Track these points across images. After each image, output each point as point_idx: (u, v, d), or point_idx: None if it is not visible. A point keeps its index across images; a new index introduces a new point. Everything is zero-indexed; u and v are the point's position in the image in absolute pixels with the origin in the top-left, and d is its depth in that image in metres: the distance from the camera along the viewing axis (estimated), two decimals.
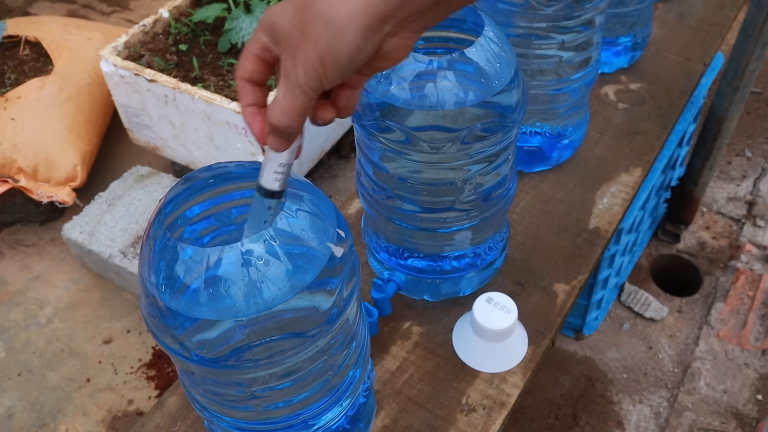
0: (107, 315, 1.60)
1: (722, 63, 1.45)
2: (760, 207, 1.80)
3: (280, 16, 0.43)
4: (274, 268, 0.45)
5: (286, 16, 0.43)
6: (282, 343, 0.48)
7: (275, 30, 0.43)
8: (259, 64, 0.46)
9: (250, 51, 0.45)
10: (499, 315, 0.73)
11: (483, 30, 0.61)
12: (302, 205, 0.48)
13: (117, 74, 1.57)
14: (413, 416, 0.71)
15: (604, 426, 1.42)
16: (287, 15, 0.42)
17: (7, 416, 1.43)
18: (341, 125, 1.80)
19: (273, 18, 0.43)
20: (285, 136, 0.46)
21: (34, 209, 1.79)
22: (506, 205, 0.75)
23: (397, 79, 0.60)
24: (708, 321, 1.57)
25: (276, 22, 0.43)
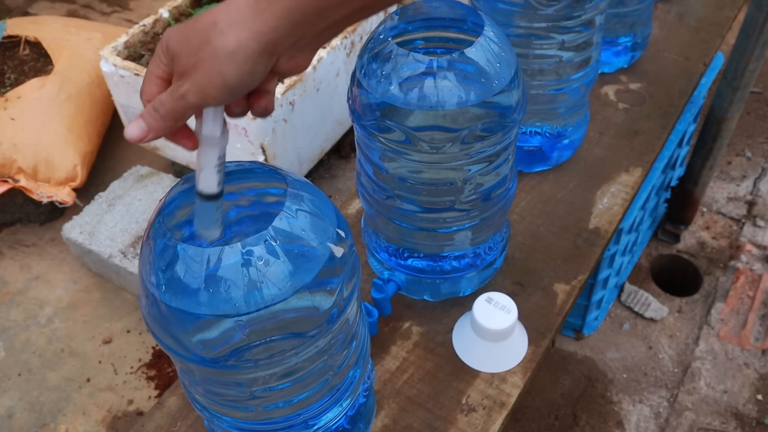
0: (107, 315, 1.60)
1: (722, 63, 1.45)
2: (760, 207, 1.80)
3: (178, 42, 0.45)
4: (274, 268, 0.45)
5: (175, 37, 0.45)
6: (282, 343, 0.48)
7: (174, 56, 0.46)
8: (163, 86, 0.48)
9: (154, 73, 0.47)
10: (499, 315, 0.73)
11: (483, 30, 0.61)
12: (302, 205, 0.48)
13: (117, 74, 1.57)
14: (413, 416, 0.71)
15: (604, 426, 1.42)
16: (180, 42, 0.45)
17: (7, 416, 1.43)
18: (341, 125, 1.80)
19: (171, 44, 0.46)
20: (154, 128, 0.48)
21: (34, 209, 1.78)
22: (506, 205, 0.75)
23: (397, 79, 0.60)
24: (708, 321, 1.57)
25: (174, 48, 0.45)
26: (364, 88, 0.62)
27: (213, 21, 0.43)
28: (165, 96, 0.46)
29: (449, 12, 0.65)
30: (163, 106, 0.46)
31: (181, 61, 0.45)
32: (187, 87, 0.45)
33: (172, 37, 0.45)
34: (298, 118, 1.58)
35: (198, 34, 0.44)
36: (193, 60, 0.44)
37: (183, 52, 0.44)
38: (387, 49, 0.61)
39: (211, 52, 0.44)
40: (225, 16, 0.43)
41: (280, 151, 1.56)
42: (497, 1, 0.78)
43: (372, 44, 0.63)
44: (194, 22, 0.45)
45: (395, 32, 0.64)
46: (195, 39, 0.44)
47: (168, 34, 0.46)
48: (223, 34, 0.43)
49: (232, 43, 0.43)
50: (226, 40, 0.43)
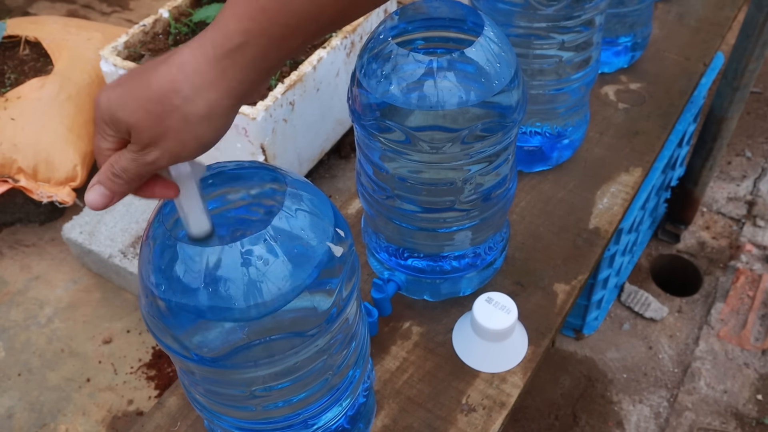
0: (107, 315, 1.60)
1: (722, 63, 1.45)
2: (760, 207, 1.80)
3: (134, 114, 0.42)
4: (273, 268, 0.45)
5: (127, 108, 0.42)
6: (281, 342, 0.48)
7: (119, 123, 0.43)
8: None
9: (104, 148, 0.44)
10: (499, 315, 0.73)
11: (483, 30, 0.61)
12: (302, 204, 0.48)
13: (117, 74, 1.57)
14: (413, 416, 0.71)
15: (604, 426, 1.42)
16: (128, 107, 0.42)
17: (7, 416, 1.43)
18: (341, 125, 1.80)
19: (123, 116, 0.42)
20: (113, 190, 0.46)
21: (34, 209, 1.78)
22: (506, 205, 0.75)
23: (397, 79, 0.60)
24: (708, 321, 1.57)
25: (130, 121, 0.42)
26: (364, 88, 0.62)
27: (172, 88, 0.41)
28: (127, 162, 0.43)
29: (449, 12, 0.65)
30: (126, 173, 0.44)
31: (143, 133, 0.42)
32: (157, 154, 0.43)
33: (121, 110, 0.42)
34: (298, 118, 1.58)
35: (158, 104, 0.41)
36: (159, 130, 0.42)
37: (144, 124, 0.42)
38: (387, 49, 0.61)
39: (180, 118, 0.41)
40: (185, 80, 0.41)
41: (280, 151, 1.56)
42: (497, 1, 0.78)
43: (372, 44, 0.63)
44: (144, 90, 0.41)
45: (395, 32, 0.64)
46: (156, 109, 0.41)
47: (113, 105, 0.42)
48: (191, 100, 0.41)
49: (202, 107, 0.42)
50: (196, 106, 0.41)
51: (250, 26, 0.40)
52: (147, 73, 0.42)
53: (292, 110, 1.54)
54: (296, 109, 1.56)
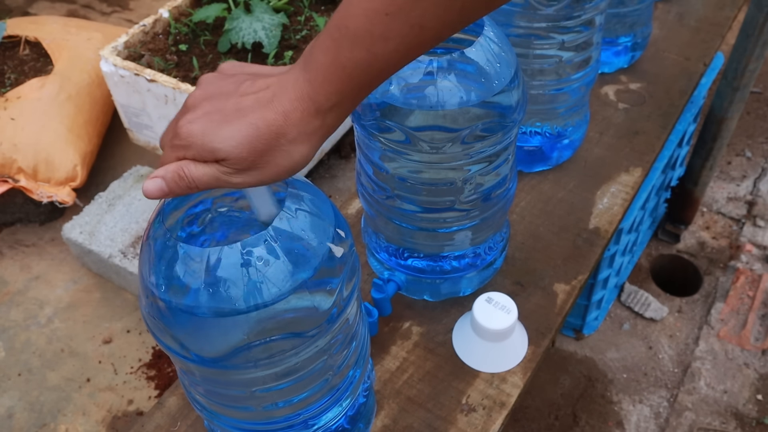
0: (107, 315, 1.60)
1: (722, 63, 1.45)
2: (760, 207, 1.80)
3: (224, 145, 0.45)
4: (273, 268, 0.45)
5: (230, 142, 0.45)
6: (282, 343, 0.48)
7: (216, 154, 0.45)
8: None
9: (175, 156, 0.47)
10: (499, 315, 0.73)
11: (483, 30, 0.61)
12: (302, 204, 0.48)
13: (117, 74, 1.57)
14: (413, 416, 0.71)
15: (604, 426, 1.42)
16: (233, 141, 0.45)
17: (7, 416, 1.43)
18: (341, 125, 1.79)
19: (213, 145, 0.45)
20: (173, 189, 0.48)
21: (34, 209, 1.78)
22: (506, 205, 0.75)
23: (397, 79, 0.60)
24: (708, 321, 1.57)
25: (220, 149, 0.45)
26: None
27: (281, 133, 0.45)
28: (204, 176, 0.46)
29: None
30: (195, 181, 0.46)
31: (241, 163, 0.45)
32: (244, 179, 0.46)
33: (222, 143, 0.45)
34: None
35: (265, 144, 0.45)
36: (258, 163, 0.45)
37: (246, 157, 0.45)
38: None
39: (284, 156, 0.46)
40: (292, 127, 0.45)
41: None
42: None
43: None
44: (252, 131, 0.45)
45: None
46: (262, 147, 0.45)
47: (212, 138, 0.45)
48: (296, 142, 0.46)
49: (305, 148, 0.46)
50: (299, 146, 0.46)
51: (341, 88, 0.45)
52: (248, 116, 0.45)
53: None
54: None
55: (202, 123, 0.45)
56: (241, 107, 0.45)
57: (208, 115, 0.45)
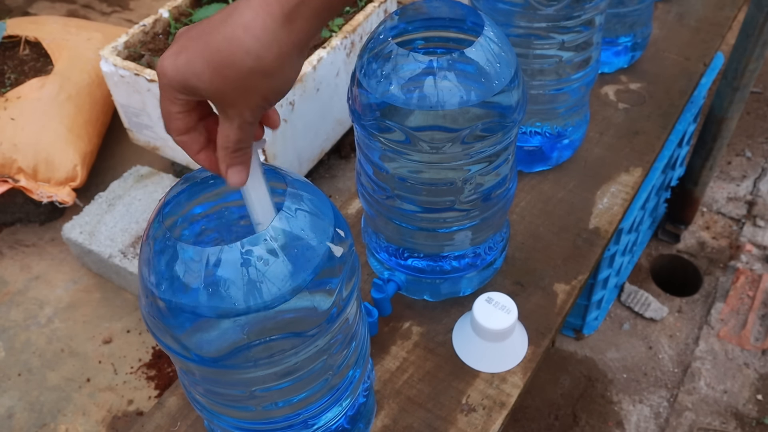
0: (107, 315, 1.60)
1: (722, 63, 1.45)
2: (760, 207, 1.80)
3: (193, 77, 0.43)
4: (273, 268, 0.45)
5: (203, 77, 0.43)
6: (281, 342, 0.48)
7: (196, 90, 0.44)
8: (187, 117, 0.46)
9: (174, 111, 0.46)
10: (499, 315, 0.73)
11: (483, 30, 0.61)
12: (302, 204, 0.48)
13: (117, 74, 1.57)
14: (413, 416, 0.71)
15: (604, 426, 1.42)
16: (204, 75, 0.43)
17: (7, 416, 1.43)
18: (341, 125, 1.80)
19: (189, 81, 0.43)
20: (244, 162, 0.48)
21: (34, 209, 1.78)
22: (506, 205, 0.75)
23: (397, 79, 0.60)
24: (708, 321, 1.57)
25: (193, 84, 0.43)
26: (364, 88, 0.62)
27: (243, 50, 0.42)
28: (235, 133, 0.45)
29: (449, 12, 0.65)
30: (242, 141, 0.46)
31: (226, 97, 0.44)
32: (247, 112, 0.45)
33: (196, 78, 0.43)
34: (298, 118, 1.58)
35: (231, 68, 0.42)
36: (239, 91, 0.43)
37: (225, 89, 0.43)
38: (387, 49, 0.61)
39: (257, 77, 0.43)
40: (254, 40, 0.42)
41: (280, 151, 1.56)
42: (497, 1, 0.78)
43: (372, 44, 0.63)
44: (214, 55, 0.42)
45: (395, 32, 0.64)
46: (231, 74, 0.42)
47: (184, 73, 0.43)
48: (263, 57, 0.42)
49: (274, 63, 0.43)
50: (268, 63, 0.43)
51: None
52: (210, 35, 0.42)
53: (292, 110, 1.54)
54: (296, 109, 1.56)
55: (174, 56, 0.43)
56: (206, 29, 0.43)
57: (181, 46, 0.43)
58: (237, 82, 0.43)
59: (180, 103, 0.45)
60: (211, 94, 0.44)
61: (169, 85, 0.44)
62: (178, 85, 0.44)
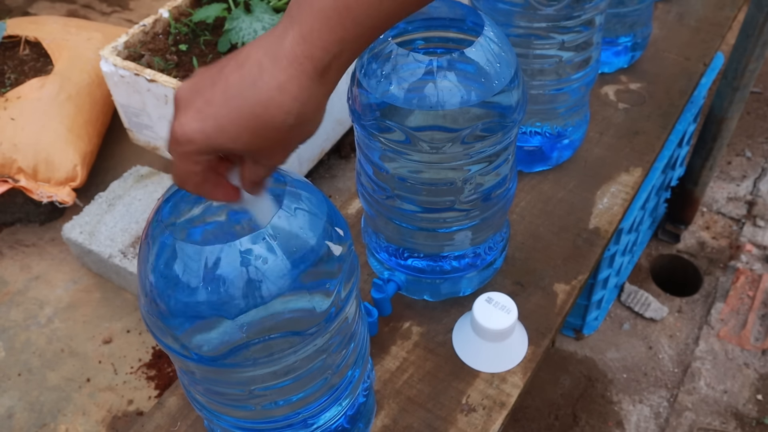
0: (107, 315, 1.60)
1: (722, 63, 1.45)
2: (760, 207, 1.80)
3: (229, 141, 0.42)
4: (272, 267, 0.45)
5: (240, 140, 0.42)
6: (281, 341, 0.48)
7: (228, 150, 0.44)
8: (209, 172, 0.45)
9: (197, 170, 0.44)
10: (499, 315, 0.73)
11: (483, 30, 0.61)
12: (301, 204, 0.48)
13: (117, 74, 1.57)
14: (413, 416, 0.71)
15: (604, 426, 1.42)
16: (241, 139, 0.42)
17: (7, 416, 1.43)
18: (341, 125, 1.80)
19: (218, 144, 0.43)
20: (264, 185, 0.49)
21: (34, 209, 1.78)
22: (506, 205, 0.75)
23: (397, 79, 0.60)
24: (708, 321, 1.57)
25: (227, 146, 0.43)
26: (364, 88, 0.62)
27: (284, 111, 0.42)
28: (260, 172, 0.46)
29: (449, 12, 0.65)
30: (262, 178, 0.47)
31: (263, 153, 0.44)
32: (278, 161, 0.46)
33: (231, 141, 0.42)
34: None
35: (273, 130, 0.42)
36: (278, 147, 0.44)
37: (264, 147, 0.43)
38: (387, 49, 0.61)
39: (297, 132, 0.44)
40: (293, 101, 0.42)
41: None
42: (497, 1, 0.78)
43: (372, 44, 0.63)
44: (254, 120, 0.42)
45: (395, 32, 0.64)
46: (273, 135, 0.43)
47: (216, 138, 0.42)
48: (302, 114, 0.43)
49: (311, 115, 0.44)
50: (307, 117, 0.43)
51: (344, 35, 0.41)
52: (239, 100, 0.41)
53: None
54: None
55: (199, 124, 0.42)
56: (229, 92, 0.42)
57: (203, 113, 0.42)
58: (278, 140, 0.43)
59: (204, 163, 0.44)
60: (248, 151, 0.44)
61: (196, 151, 0.43)
62: (209, 150, 0.43)
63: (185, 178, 0.45)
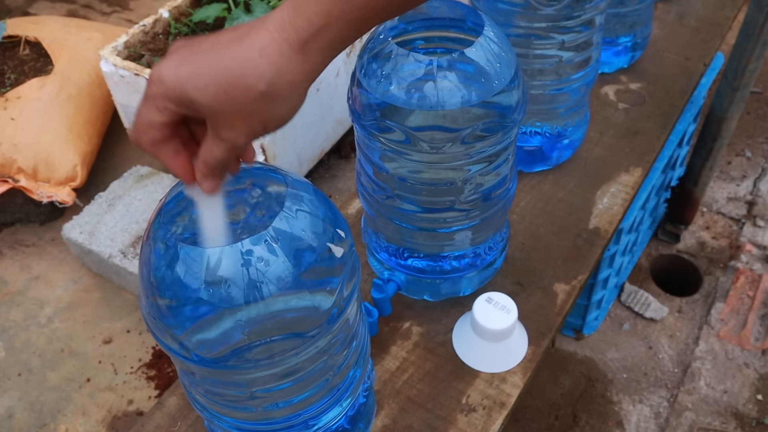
0: (107, 315, 1.60)
1: (722, 63, 1.45)
2: (760, 207, 1.80)
3: (195, 91, 0.42)
4: (273, 268, 0.45)
5: (206, 92, 0.42)
6: (282, 343, 0.48)
7: (192, 103, 0.42)
8: (166, 130, 0.45)
9: (157, 120, 0.43)
10: (499, 315, 0.73)
11: (483, 30, 0.61)
12: (302, 205, 0.48)
13: (117, 74, 1.57)
14: (413, 416, 0.71)
15: (604, 426, 1.42)
16: (208, 91, 0.41)
17: (7, 416, 1.43)
18: (341, 125, 1.80)
19: (189, 94, 0.42)
20: (221, 177, 0.47)
21: (34, 209, 1.78)
22: (506, 205, 0.75)
23: (398, 79, 0.60)
24: (708, 321, 1.57)
25: (192, 97, 0.42)
26: (364, 88, 0.62)
27: (257, 73, 0.41)
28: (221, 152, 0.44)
29: (449, 12, 0.65)
30: (222, 162, 0.45)
31: (225, 117, 0.42)
32: (240, 136, 0.44)
33: (198, 92, 0.41)
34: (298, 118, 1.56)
35: (241, 89, 0.41)
36: (242, 114, 0.42)
37: (227, 109, 0.42)
38: (387, 49, 0.61)
39: (264, 102, 0.42)
40: (269, 65, 0.41)
41: (280, 151, 1.56)
42: (497, 1, 0.78)
43: (372, 44, 0.63)
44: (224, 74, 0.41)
45: (395, 32, 0.64)
46: (239, 95, 0.41)
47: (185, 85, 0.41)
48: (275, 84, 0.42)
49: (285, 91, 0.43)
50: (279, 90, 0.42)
51: (330, 9, 0.41)
52: (220, 52, 0.41)
53: None
54: None
55: (175, 66, 0.42)
56: (215, 45, 0.42)
57: (183, 58, 0.42)
58: (242, 104, 0.42)
59: (167, 114, 0.43)
60: (210, 111, 0.42)
61: (163, 94, 0.42)
62: (174, 96, 0.42)
63: (144, 128, 0.44)
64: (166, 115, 0.44)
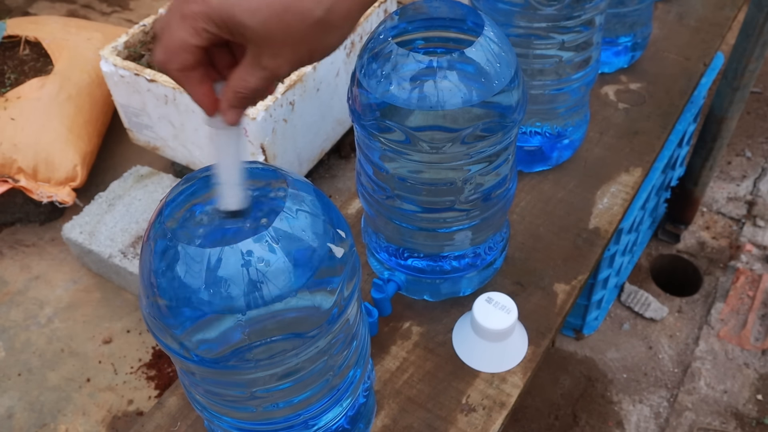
0: (107, 315, 1.60)
1: (722, 63, 1.45)
2: (760, 207, 1.80)
3: (244, 13, 0.39)
4: (274, 269, 0.45)
5: (257, 14, 0.39)
6: (282, 343, 0.48)
7: (238, 27, 0.39)
8: (201, 54, 0.42)
9: (192, 43, 0.40)
10: (499, 315, 0.73)
11: (483, 30, 0.61)
12: (302, 205, 0.48)
13: (117, 74, 1.57)
14: (413, 416, 0.71)
15: (604, 426, 1.42)
16: (259, 14, 0.39)
17: (7, 416, 1.43)
18: (341, 125, 1.80)
19: (237, 17, 0.39)
20: (246, 107, 0.45)
21: (34, 209, 1.79)
22: (506, 205, 0.75)
23: (397, 79, 0.60)
24: (708, 321, 1.57)
25: (240, 19, 0.39)
26: (364, 88, 0.62)
27: None
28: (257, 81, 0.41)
29: (449, 12, 0.65)
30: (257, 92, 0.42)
31: (273, 44, 0.40)
32: (284, 65, 0.41)
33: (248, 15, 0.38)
34: (298, 118, 1.58)
35: (296, 15, 0.39)
36: (291, 40, 0.40)
37: (277, 34, 0.39)
38: (387, 49, 0.61)
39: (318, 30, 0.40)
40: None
41: (280, 151, 1.56)
42: (497, 1, 0.78)
43: (372, 44, 0.63)
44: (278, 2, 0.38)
45: (395, 32, 0.64)
46: (293, 20, 0.39)
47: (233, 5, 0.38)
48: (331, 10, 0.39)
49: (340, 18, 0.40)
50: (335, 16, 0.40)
51: None
52: None
53: (292, 110, 1.54)
54: (296, 109, 1.56)
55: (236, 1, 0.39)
56: None
57: None
58: (295, 30, 0.39)
59: (204, 37, 0.40)
60: (257, 36, 0.39)
61: (205, 14, 0.39)
62: (218, 17, 0.39)
63: (176, 51, 0.40)
64: (204, 38, 0.40)
